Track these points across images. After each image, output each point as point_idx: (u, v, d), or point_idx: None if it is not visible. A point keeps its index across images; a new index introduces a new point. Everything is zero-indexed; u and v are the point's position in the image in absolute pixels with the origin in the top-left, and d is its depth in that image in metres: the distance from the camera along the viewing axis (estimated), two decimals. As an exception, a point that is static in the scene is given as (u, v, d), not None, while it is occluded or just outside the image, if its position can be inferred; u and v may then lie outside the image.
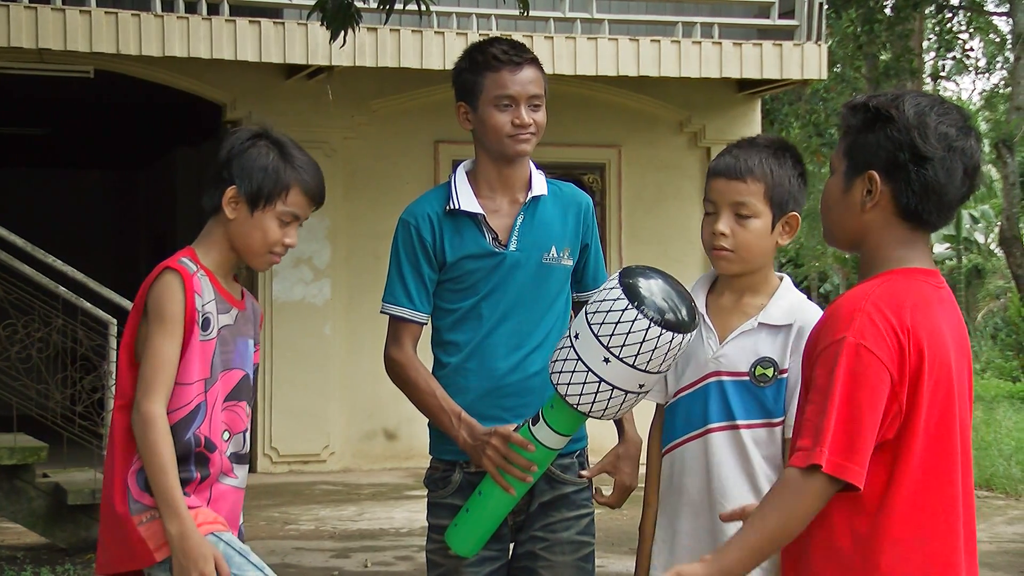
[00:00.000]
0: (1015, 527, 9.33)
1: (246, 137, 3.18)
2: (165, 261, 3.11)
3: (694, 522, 3.10)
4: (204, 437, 3.08)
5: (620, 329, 2.95)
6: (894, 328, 2.38)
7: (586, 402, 3.04)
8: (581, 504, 3.45)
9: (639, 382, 3.01)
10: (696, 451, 3.09)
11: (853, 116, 2.53)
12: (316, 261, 11.57)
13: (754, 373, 3.04)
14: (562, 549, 3.40)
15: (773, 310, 3.08)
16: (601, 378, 3.00)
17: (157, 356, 3.02)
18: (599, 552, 3.64)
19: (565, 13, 11.20)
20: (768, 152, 3.10)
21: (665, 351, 2.95)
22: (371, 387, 11.25)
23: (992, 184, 27.55)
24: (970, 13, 22.34)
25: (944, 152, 2.44)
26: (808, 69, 11.65)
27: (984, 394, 17.81)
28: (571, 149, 11.80)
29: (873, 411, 2.36)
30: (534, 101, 3.41)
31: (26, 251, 8.50)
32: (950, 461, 2.45)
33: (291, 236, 3.19)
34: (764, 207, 3.07)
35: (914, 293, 2.44)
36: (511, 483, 3.21)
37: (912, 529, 2.41)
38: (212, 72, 11.04)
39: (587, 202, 3.53)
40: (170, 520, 2.98)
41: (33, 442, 8.22)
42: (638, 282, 2.99)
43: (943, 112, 2.47)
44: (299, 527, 8.89)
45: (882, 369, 2.36)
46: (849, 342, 2.37)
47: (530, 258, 3.41)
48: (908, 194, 2.45)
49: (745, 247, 3.07)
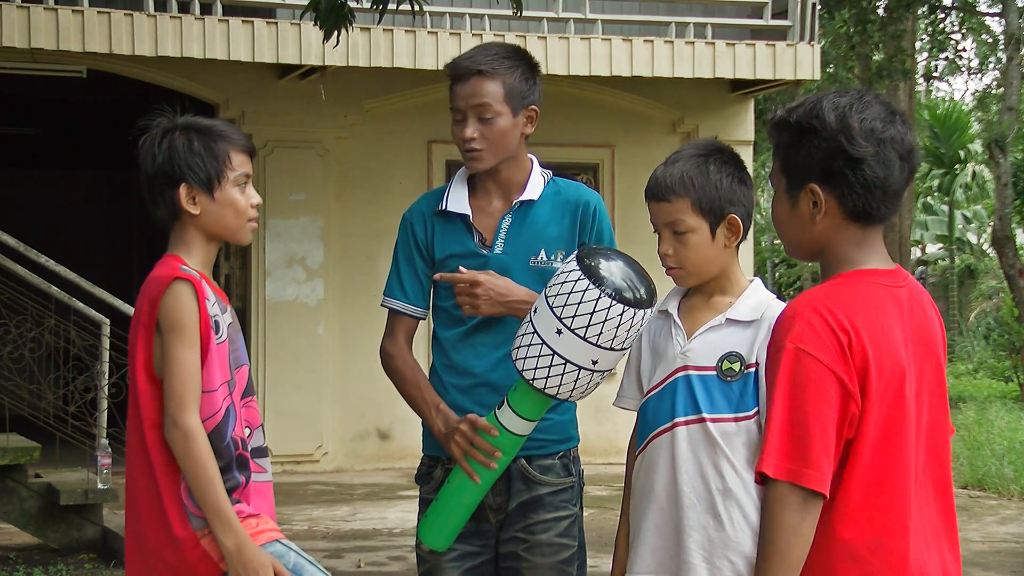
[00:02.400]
0: (1007, 527, 9.34)
1: (160, 140, 3.13)
2: (163, 272, 3.06)
3: (659, 518, 3.10)
4: (240, 439, 3.06)
5: (572, 300, 3.02)
6: (832, 329, 2.38)
7: (540, 376, 3.08)
8: (560, 506, 3.43)
9: (591, 357, 3.04)
10: (662, 445, 3.10)
11: (779, 133, 2.53)
12: (309, 261, 11.57)
13: (721, 367, 3.06)
14: (541, 551, 3.40)
15: (741, 307, 3.11)
16: (554, 351, 3.05)
17: (183, 367, 2.97)
18: (593, 552, 3.63)
19: (558, 13, 11.20)
20: (692, 163, 3.12)
21: (616, 324, 3.00)
22: (364, 387, 11.25)
23: (985, 184, 27.60)
24: (963, 14, 22.38)
25: (875, 148, 2.44)
26: (801, 69, 11.66)
27: (977, 394, 17.83)
28: (564, 149, 11.81)
29: (820, 414, 2.36)
30: (482, 112, 3.38)
31: (19, 251, 8.49)
32: (901, 462, 2.43)
33: (254, 196, 3.17)
34: (696, 220, 3.09)
35: (860, 294, 2.43)
36: (477, 470, 3.23)
37: (862, 530, 2.41)
38: (205, 72, 11.04)
39: (588, 202, 3.49)
40: (225, 534, 2.94)
41: (25, 442, 8.21)
42: (595, 258, 3.08)
43: (863, 107, 2.46)
44: (292, 527, 8.88)
45: (824, 371, 2.36)
46: (788, 348, 2.38)
47: (516, 261, 3.41)
48: (852, 197, 2.45)
49: (689, 262, 3.11)
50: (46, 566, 7.60)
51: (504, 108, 3.39)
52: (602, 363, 3.08)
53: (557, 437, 3.45)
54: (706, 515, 3.02)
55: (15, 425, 8.36)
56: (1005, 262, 18.20)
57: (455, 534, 3.33)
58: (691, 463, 3.05)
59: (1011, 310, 18.28)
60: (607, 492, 10.02)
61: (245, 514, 3.04)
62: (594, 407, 11.88)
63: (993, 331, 23.64)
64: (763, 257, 27.24)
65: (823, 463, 2.36)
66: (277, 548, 3.05)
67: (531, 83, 3.45)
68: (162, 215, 3.13)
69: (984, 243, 29.19)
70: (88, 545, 8.17)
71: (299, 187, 11.52)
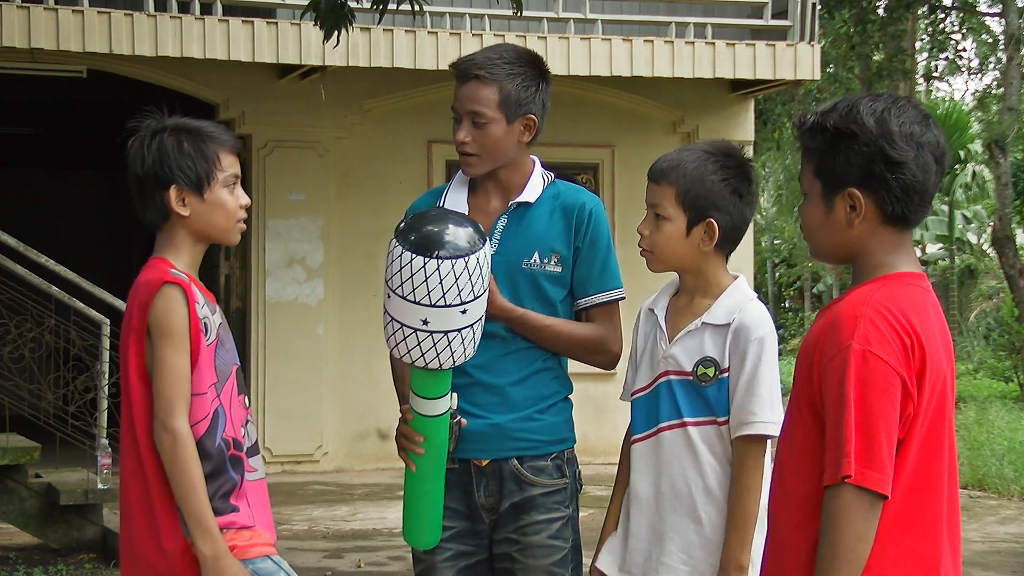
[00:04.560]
0: (1007, 527, 9.34)
1: (149, 141, 3.11)
2: (152, 275, 3.05)
3: (639, 519, 3.15)
4: (232, 439, 3.05)
5: (391, 264, 3.04)
6: (897, 330, 2.38)
7: (392, 345, 3.10)
8: (552, 507, 3.42)
9: (420, 316, 3.02)
10: (646, 450, 3.14)
11: (813, 138, 2.51)
12: (309, 261, 11.56)
13: (696, 372, 3.08)
14: (533, 553, 3.40)
15: (717, 310, 3.12)
16: (392, 316, 3.07)
17: (172, 371, 2.97)
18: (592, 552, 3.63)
19: (558, 13, 11.20)
20: (695, 157, 3.14)
21: (423, 278, 2.98)
22: (364, 387, 11.25)
23: (985, 184, 27.58)
24: (963, 14, 22.38)
25: (915, 151, 2.44)
26: (801, 69, 11.66)
27: (977, 394, 17.82)
28: (564, 149, 11.80)
29: (886, 416, 2.35)
30: (475, 117, 3.37)
31: (19, 251, 8.49)
32: (938, 464, 2.44)
33: (242, 196, 3.16)
34: (676, 210, 3.12)
35: (909, 296, 2.44)
36: (412, 458, 3.23)
37: (900, 530, 2.41)
38: (205, 72, 11.03)
39: (584, 204, 3.45)
40: (204, 541, 2.93)
41: (25, 442, 8.21)
42: (408, 222, 3.08)
43: (900, 111, 2.46)
44: (292, 527, 8.88)
45: (891, 372, 2.36)
46: (855, 349, 2.36)
47: (509, 263, 3.40)
48: (892, 201, 2.45)
49: (658, 247, 3.15)
50: (46, 566, 7.60)
51: (498, 115, 3.36)
52: (432, 322, 3.03)
53: (550, 438, 3.44)
54: (687, 519, 3.06)
55: (15, 425, 8.35)
56: (1005, 262, 18.19)
57: (434, 529, 3.32)
58: (674, 467, 3.10)
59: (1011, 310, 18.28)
60: (607, 492, 9.99)
61: (239, 525, 3.03)
62: (594, 407, 11.92)
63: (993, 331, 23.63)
64: (763, 257, 27.25)
65: (887, 465, 2.35)
66: (268, 565, 3.04)
67: (532, 91, 3.40)
68: (152, 217, 3.12)
69: (984, 243, 29.19)
70: (88, 545, 8.17)
71: (299, 187, 11.52)
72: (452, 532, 3.39)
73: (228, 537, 2.99)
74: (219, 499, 3.00)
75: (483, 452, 3.39)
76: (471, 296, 3.04)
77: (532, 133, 3.43)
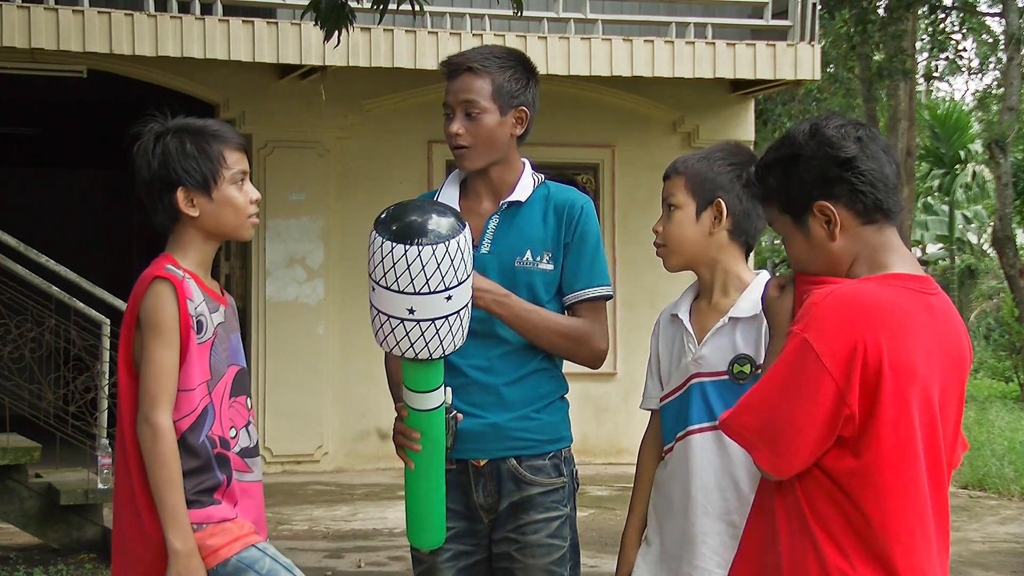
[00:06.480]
0: (1007, 527, 9.34)
1: (153, 145, 3.13)
2: (149, 271, 3.07)
3: (672, 524, 3.12)
4: (218, 437, 3.06)
5: (373, 256, 3.04)
6: (844, 329, 2.35)
7: (380, 339, 3.09)
8: (550, 506, 3.42)
9: (405, 305, 3.01)
10: (679, 454, 3.12)
11: (768, 177, 2.55)
12: (309, 261, 11.57)
13: (732, 371, 3.07)
14: (532, 552, 3.40)
15: (743, 303, 3.12)
16: (378, 309, 3.06)
17: (157, 366, 2.99)
18: (592, 552, 3.64)
19: (559, 13, 11.20)
20: (704, 152, 3.22)
21: (406, 266, 2.97)
22: (364, 387, 11.25)
23: (985, 184, 27.60)
24: (963, 14, 22.38)
25: (858, 145, 2.47)
26: (801, 69, 11.66)
27: (977, 394, 17.85)
28: (564, 149, 11.81)
29: (802, 406, 2.35)
30: (469, 108, 3.39)
31: (19, 251, 8.49)
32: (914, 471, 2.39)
33: (252, 191, 3.17)
34: (686, 197, 3.16)
35: (886, 296, 2.40)
36: (409, 456, 3.22)
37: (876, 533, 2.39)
38: (205, 72, 11.04)
39: (574, 202, 3.45)
40: (176, 535, 2.95)
41: (26, 442, 8.21)
42: (387, 213, 3.07)
43: (828, 120, 2.51)
44: (292, 527, 8.88)
45: (820, 370, 2.34)
46: (795, 333, 2.39)
47: (502, 261, 3.41)
48: (860, 197, 2.46)
49: (670, 238, 3.17)
50: (46, 566, 7.60)
51: (491, 105, 3.39)
52: (418, 310, 3.02)
53: (547, 437, 3.43)
54: (720, 522, 3.04)
55: (15, 425, 8.35)
56: (1005, 262, 18.20)
57: (438, 529, 3.31)
58: (707, 470, 3.06)
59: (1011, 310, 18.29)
60: (607, 492, 10.02)
61: (218, 517, 3.04)
62: (594, 407, 11.92)
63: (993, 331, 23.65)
64: (763, 257, 27.23)
65: (785, 450, 2.37)
66: (252, 553, 3.04)
67: (523, 85, 3.44)
68: (162, 219, 3.14)
69: (984, 243, 29.19)
70: (88, 545, 8.17)
71: (299, 187, 11.52)
72: (451, 532, 3.39)
73: (207, 533, 3.00)
74: (199, 494, 3.01)
75: (481, 452, 3.39)
76: (455, 281, 3.02)
77: (524, 127, 3.46)
